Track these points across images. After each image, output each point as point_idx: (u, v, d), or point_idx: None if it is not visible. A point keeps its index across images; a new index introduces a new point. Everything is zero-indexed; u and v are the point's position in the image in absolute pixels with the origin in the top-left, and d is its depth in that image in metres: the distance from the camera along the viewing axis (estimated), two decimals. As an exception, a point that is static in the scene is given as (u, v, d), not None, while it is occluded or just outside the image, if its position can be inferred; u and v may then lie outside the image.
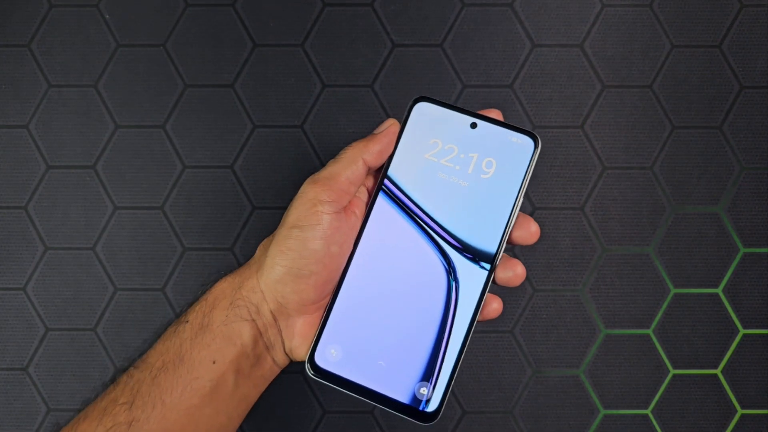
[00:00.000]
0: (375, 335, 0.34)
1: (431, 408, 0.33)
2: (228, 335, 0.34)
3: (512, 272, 0.35)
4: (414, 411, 0.33)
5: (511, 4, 0.49)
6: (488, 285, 0.34)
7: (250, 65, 0.49)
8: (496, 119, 0.36)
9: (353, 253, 0.35)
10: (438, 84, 0.49)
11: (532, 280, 0.48)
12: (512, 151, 0.35)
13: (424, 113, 0.36)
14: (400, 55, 0.49)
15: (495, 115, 0.36)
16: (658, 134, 0.49)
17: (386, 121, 0.37)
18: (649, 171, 0.49)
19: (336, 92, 0.49)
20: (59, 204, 0.48)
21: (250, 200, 0.49)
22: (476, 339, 0.48)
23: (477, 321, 0.34)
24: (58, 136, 0.49)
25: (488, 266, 0.34)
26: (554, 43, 0.49)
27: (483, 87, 0.49)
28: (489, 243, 0.34)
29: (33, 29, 0.49)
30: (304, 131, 0.49)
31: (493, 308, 0.36)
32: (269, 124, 0.49)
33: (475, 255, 0.34)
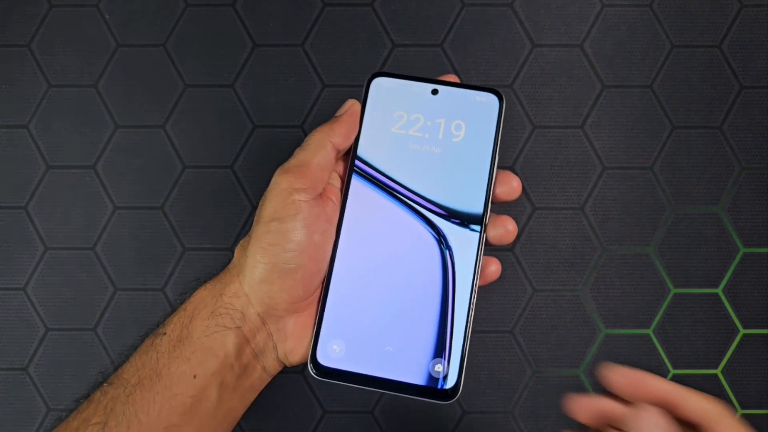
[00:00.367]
0: (376, 321, 0.33)
1: (450, 384, 0.32)
2: (210, 346, 0.32)
3: (503, 229, 0.34)
4: (432, 391, 0.32)
5: (511, 4, 0.49)
6: (482, 246, 0.33)
7: (250, 65, 0.49)
8: (456, 82, 0.35)
9: (337, 242, 0.34)
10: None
11: (532, 280, 0.48)
12: (479, 110, 0.35)
13: (383, 88, 0.35)
14: (400, 55, 0.49)
15: (452, 79, 0.36)
16: (658, 134, 0.49)
17: (346, 102, 0.36)
18: (649, 171, 0.49)
19: (336, 92, 0.49)
20: (59, 204, 0.48)
21: (250, 200, 0.49)
22: (476, 339, 0.48)
23: (478, 286, 0.33)
24: (58, 136, 0.49)
25: (478, 228, 0.33)
26: (554, 43, 0.49)
27: (483, 87, 0.49)
28: (474, 204, 0.34)
29: (33, 29, 0.49)
30: (304, 131, 0.49)
31: (492, 270, 0.35)
32: (269, 124, 0.49)
33: (463, 219, 0.34)
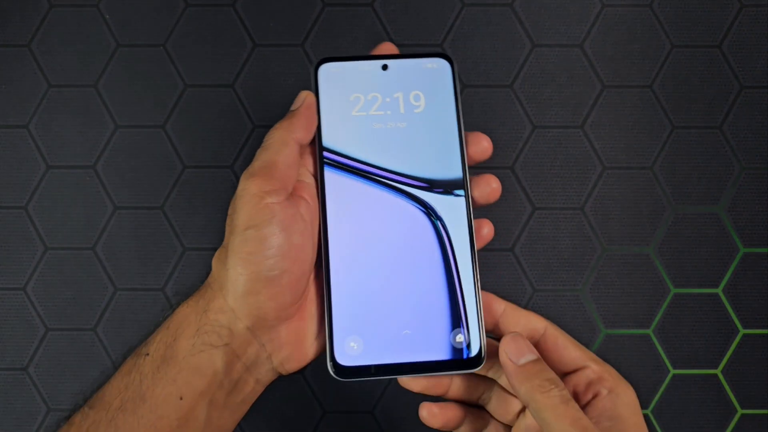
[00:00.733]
0: (387, 308, 0.32)
1: (474, 351, 0.32)
2: (196, 366, 0.30)
3: (488, 187, 0.34)
4: (459, 362, 0.32)
5: (511, 4, 0.49)
6: (471, 209, 0.33)
7: (250, 65, 0.49)
8: (404, 53, 0.35)
9: (327, 239, 0.33)
10: (438, 84, 0.49)
11: (532, 280, 0.48)
12: (433, 77, 0.35)
13: (332, 73, 0.35)
14: (400, 55, 0.49)
15: (390, 49, 0.35)
16: (658, 134, 0.49)
17: (300, 95, 0.34)
18: (649, 171, 0.49)
19: (336, 92, 0.49)
20: (59, 204, 0.48)
21: (250, 200, 0.49)
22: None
23: (477, 250, 0.33)
24: (58, 136, 0.49)
25: (462, 192, 0.33)
26: (554, 43, 0.49)
27: (483, 87, 0.49)
28: (452, 169, 0.34)
29: (33, 29, 0.49)
30: (304, 131, 0.49)
31: (485, 232, 0.34)
32: (269, 124, 0.49)
33: (445, 186, 0.33)
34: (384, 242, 0.33)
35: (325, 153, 0.34)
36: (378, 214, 0.33)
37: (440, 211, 0.33)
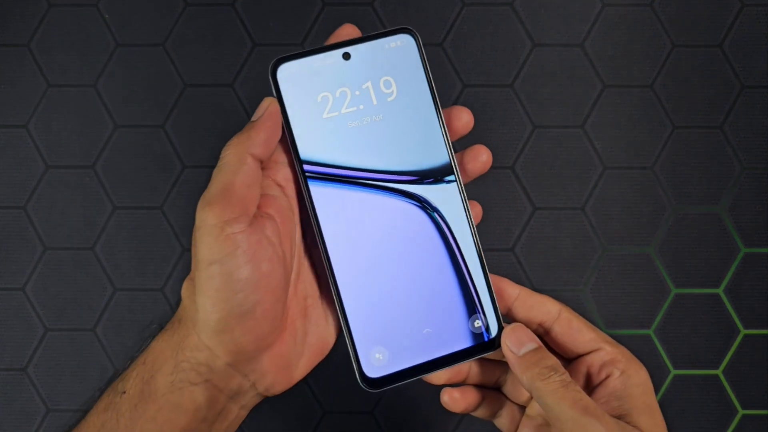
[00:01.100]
0: (404, 312, 0.32)
1: (494, 333, 0.32)
2: (177, 403, 0.29)
3: (478, 161, 0.33)
4: (480, 347, 0.32)
5: (512, 4, 0.49)
6: (464, 193, 0.32)
7: (250, 65, 0.49)
8: (362, 36, 0.32)
9: (329, 258, 0.31)
10: (438, 84, 0.49)
11: (533, 280, 0.48)
12: (399, 57, 0.32)
13: (292, 74, 0.32)
14: (400, 55, 0.49)
15: (351, 31, 0.32)
16: (659, 134, 0.49)
17: (263, 102, 0.31)
18: (650, 171, 0.48)
19: (336, 92, 0.49)
20: (58, 204, 0.48)
21: (250, 200, 0.48)
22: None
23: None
24: (58, 136, 0.49)
25: (453, 177, 0.32)
26: (555, 43, 0.49)
27: (483, 87, 0.49)
28: (438, 155, 0.32)
29: (32, 29, 0.49)
30: (304, 131, 0.49)
31: (476, 213, 0.34)
32: (269, 124, 0.49)
33: (435, 175, 0.32)
34: (386, 247, 0.32)
35: (306, 167, 0.31)
36: (374, 220, 0.32)
37: (435, 202, 0.32)
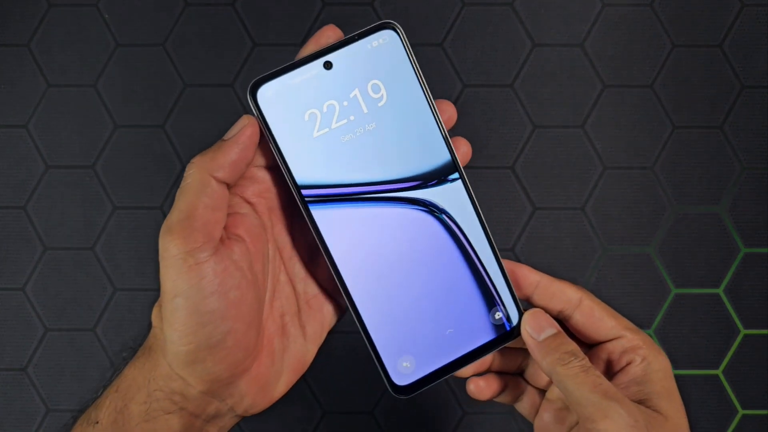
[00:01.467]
0: (424, 317, 0.32)
1: (514, 321, 0.32)
2: (152, 431, 0.28)
3: (460, 152, 0.32)
4: (503, 337, 0.32)
5: (512, 4, 0.49)
6: (470, 188, 0.32)
7: (250, 65, 0.49)
8: (342, 39, 0.30)
9: (342, 281, 0.31)
10: (438, 84, 0.49)
11: (533, 281, 0.48)
12: (384, 57, 0.30)
13: (274, 94, 0.29)
14: (400, 55, 0.49)
15: (332, 33, 0.30)
16: (659, 134, 0.49)
17: (240, 120, 0.29)
18: (650, 171, 0.48)
19: (336, 92, 0.49)
20: (58, 204, 0.48)
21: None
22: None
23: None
24: (58, 136, 0.49)
25: (456, 174, 0.31)
26: (555, 43, 0.49)
27: (483, 87, 0.49)
28: (439, 155, 0.31)
29: (32, 29, 0.49)
30: (304, 131, 0.49)
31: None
32: (269, 124, 0.49)
33: (438, 176, 0.31)
34: (398, 258, 0.32)
35: (304, 192, 0.30)
36: (383, 234, 0.31)
37: (442, 204, 0.32)
